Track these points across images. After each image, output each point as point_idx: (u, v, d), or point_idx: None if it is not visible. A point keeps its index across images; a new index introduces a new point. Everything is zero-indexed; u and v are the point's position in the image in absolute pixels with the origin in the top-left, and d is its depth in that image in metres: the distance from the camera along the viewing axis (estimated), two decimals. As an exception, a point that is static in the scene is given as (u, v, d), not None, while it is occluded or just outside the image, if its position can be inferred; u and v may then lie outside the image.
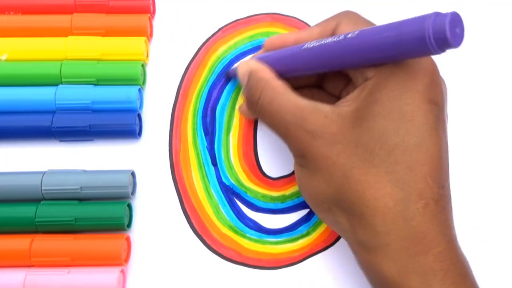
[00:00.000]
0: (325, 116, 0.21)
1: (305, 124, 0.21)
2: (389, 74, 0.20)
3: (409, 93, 0.20)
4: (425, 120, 0.20)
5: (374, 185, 0.20)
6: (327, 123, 0.21)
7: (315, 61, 0.22)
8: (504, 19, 0.31)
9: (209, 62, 0.30)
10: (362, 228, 0.20)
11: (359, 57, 0.20)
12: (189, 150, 0.28)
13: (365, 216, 0.20)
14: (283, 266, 0.26)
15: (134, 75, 0.28)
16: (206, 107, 0.29)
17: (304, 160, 0.22)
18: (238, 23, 0.31)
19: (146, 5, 0.30)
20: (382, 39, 0.19)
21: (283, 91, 0.23)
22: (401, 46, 0.18)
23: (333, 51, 0.21)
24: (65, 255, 0.25)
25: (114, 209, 0.26)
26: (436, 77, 0.20)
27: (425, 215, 0.19)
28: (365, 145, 0.20)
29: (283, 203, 0.27)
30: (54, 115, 0.27)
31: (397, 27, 0.18)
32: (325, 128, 0.21)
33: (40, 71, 0.28)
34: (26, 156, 0.28)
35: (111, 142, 0.28)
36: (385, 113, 0.20)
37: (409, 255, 0.19)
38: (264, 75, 0.24)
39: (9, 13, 0.30)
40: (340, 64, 0.22)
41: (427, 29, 0.17)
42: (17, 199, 0.26)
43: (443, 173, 0.20)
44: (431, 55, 0.19)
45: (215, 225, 0.27)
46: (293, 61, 0.24)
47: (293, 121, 0.22)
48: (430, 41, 0.17)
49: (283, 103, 0.22)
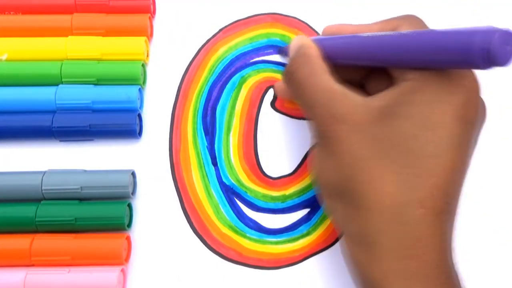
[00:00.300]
0: (353, 104, 0.21)
1: (332, 107, 0.21)
2: (428, 81, 0.20)
3: (441, 103, 0.20)
4: (448, 134, 0.19)
5: (378, 182, 0.20)
6: (353, 111, 0.21)
7: (361, 50, 0.23)
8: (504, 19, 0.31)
9: (209, 62, 0.30)
10: (355, 220, 0.20)
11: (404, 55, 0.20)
12: (189, 150, 0.28)
13: (361, 209, 0.20)
14: (283, 266, 0.26)
15: (134, 75, 0.28)
16: (206, 107, 0.29)
17: (323, 141, 0.22)
18: (238, 23, 0.31)
19: (147, 5, 0.30)
20: (430, 42, 0.19)
21: (321, 71, 0.23)
22: (446, 54, 0.18)
23: (381, 44, 0.21)
24: (66, 254, 0.25)
25: (114, 209, 0.26)
26: (475, 97, 0.20)
27: (421, 223, 0.19)
28: (381, 141, 0.20)
29: (283, 203, 0.27)
30: (54, 115, 0.27)
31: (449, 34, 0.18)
32: (349, 115, 0.21)
33: (40, 71, 0.28)
34: (26, 156, 0.28)
35: (111, 142, 0.28)
36: (410, 116, 0.20)
37: (396, 258, 0.19)
38: (311, 52, 0.24)
39: (9, 13, 0.30)
40: (385, 59, 0.22)
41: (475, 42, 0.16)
42: (18, 199, 0.26)
43: (453, 190, 0.20)
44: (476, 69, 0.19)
45: (215, 225, 0.27)
46: (343, 47, 0.24)
47: (322, 102, 0.22)
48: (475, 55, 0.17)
49: (317, 82, 0.23)
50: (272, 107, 0.29)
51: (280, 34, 0.30)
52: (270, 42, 0.30)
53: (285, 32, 0.30)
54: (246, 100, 0.29)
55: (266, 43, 0.30)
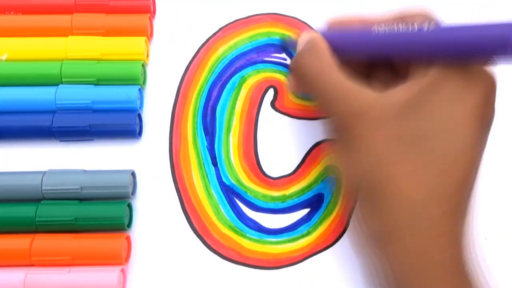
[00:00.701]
0: (369, 100, 0.21)
1: (348, 103, 0.21)
2: (450, 78, 0.20)
3: (463, 103, 0.20)
4: (469, 133, 0.20)
5: (402, 178, 0.20)
6: (370, 107, 0.21)
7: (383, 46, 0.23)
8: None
9: (209, 62, 0.30)
10: (378, 216, 0.20)
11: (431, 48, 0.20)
12: (189, 150, 0.28)
13: (384, 205, 0.20)
14: (283, 266, 0.26)
15: (134, 75, 0.28)
16: (206, 106, 0.29)
17: (342, 136, 0.22)
18: (238, 23, 0.31)
19: (147, 5, 0.30)
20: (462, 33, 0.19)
21: (331, 66, 0.23)
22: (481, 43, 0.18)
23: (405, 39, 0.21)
24: (65, 254, 0.25)
25: (114, 209, 0.26)
26: (493, 97, 0.21)
27: (441, 220, 0.19)
28: (406, 138, 0.20)
29: (284, 203, 0.27)
30: (54, 115, 0.27)
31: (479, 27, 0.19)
32: (367, 112, 0.21)
33: (40, 71, 0.28)
34: (26, 156, 0.28)
35: (111, 142, 0.28)
36: (431, 114, 0.20)
37: (416, 254, 0.19)
38: (322, 45, 0.24)
39: (9, 13, 0.30)
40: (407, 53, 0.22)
41: None
42: (17, 199, 0.26)
43: (469, 187, 0.20)
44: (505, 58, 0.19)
45: (215, 225, 0.27)
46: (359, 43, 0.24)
47: (338, 98, 0.22)
48: None
49: (331, 77, 0.22)
50: (272, 107, 0.29)
51: (280, 33, 0.30)
52: (270, 41, 0.30)
53: (285, 32, 0.30)
54: (246, 100, 0.29)
55: (266, 42, 0.30)
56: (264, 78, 0.30)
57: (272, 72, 0.30)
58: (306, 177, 0.28)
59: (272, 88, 0.29)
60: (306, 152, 0.28)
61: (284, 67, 0.30)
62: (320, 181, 0.28)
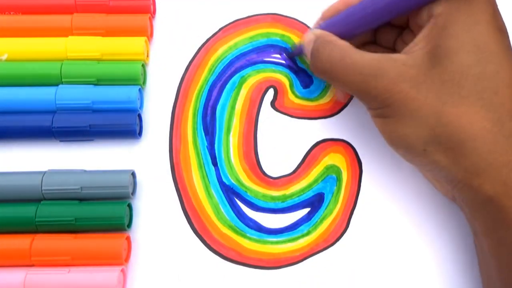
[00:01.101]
0: (402, 63, 0.22)
1: (385, 73, 0.22)
2: (458, 8, 0.21)
3: (480, 24, 0.21)
4: (498, 48, 0.21)
5: (468, 113, 0.21)
6: (406, 69, 0.22)
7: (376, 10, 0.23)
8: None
9: (209, 62, 0.30)
10: (464, 156, 0.21)
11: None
12: (189, 150, 0.28)
13: (465, 143, 0.21)
14: (284, 266, 0.26)
15: (134, 75, 0.28)
16: (206, 106, 0.29)
17: (388, 109, 0.23)
18: (238, 23, 0.31)
19: (147, 5, 0.30)
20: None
21: (352, 49, 0.24)
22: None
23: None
24: (66, 254, 0.25)
25: (114, 209, 0.26)
26: (496, 5, 0.22)
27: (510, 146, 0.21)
28: (451, 79, 0.21)
29: (284, 203, 0.27)
30: (54, 115, 0.27)
31: None
32: (406, 74, 0.22)
33: (40, 71, 0.28)
34: (27, 156, 0.28)
35: (111, 142, 0.28)
36: (462, 46, 0.21)
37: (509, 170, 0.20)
38: (330, 38, 0.25)
39: (9, 13, 0.30)
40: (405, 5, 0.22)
41: None
42: (18, 199, 0.26)
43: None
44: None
45: (215, 225, 0.27)
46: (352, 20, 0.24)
47: (371, 73, 0.22)
48: None
49: (357, 58, 0.23)
50: (272, 107, 0.29)
51: (280, 34, 0.30)
52: (270, 42, 0.30)
53: (285, 32, 0.30)
54: (246, 100, 0.29)
55: (266, 42, 0.30)
56: (264, 78, 0.30)
57: (272, 72, 0.30)
58: (306, 177, 0.28)
59: (272, 88, 0.29)
60: (306, 152, 0.28)
61: (284, 67, 0.30)
62: (320, 181, 0.28)
